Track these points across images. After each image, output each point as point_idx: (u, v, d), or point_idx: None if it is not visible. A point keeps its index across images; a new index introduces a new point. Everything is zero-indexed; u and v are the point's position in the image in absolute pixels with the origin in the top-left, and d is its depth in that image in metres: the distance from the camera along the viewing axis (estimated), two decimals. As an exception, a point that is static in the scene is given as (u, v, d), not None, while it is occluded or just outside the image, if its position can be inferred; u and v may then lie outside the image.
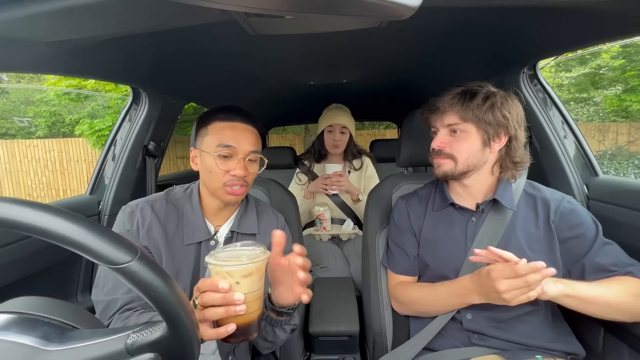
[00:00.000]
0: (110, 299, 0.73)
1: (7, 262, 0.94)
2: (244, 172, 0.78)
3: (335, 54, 1.11)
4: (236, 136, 0.79)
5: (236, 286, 0.55)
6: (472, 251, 0.83)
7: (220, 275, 0.55)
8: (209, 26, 0.75)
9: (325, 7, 0.40)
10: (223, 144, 0.77)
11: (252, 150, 0.80)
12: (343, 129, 1.69)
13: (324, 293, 1.23)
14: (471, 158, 0.84)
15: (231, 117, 0.81)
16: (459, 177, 0.86)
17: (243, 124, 0.81)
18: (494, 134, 0.82)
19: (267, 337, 0.76)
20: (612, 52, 5.87)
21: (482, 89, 0.82)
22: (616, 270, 0.76)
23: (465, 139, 0.83)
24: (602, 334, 0.88)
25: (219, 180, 0.78)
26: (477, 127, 0.82)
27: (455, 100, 0.82)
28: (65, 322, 0.39)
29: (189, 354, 0.40)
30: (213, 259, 0.55)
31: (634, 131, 6.27)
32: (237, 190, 0.79)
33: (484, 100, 0.80)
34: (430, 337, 0.86)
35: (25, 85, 9.12)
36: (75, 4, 0.54)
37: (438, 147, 0.86)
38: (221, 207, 0.85)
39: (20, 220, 0.32)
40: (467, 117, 0.81)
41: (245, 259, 0.55)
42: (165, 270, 0.38)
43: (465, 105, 0.81)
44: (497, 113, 0.80)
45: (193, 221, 0.82)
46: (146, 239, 0.78)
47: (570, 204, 0.83)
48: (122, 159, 1.33)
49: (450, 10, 0.74)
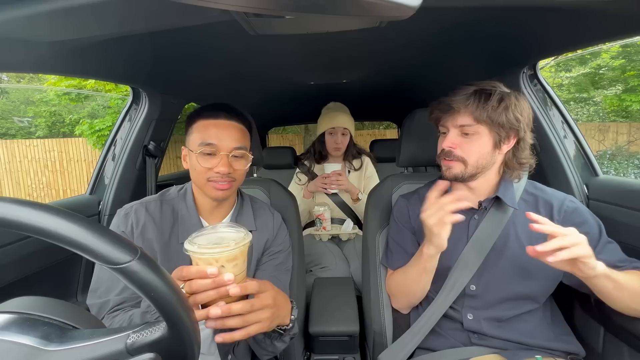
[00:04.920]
0: (102, 301, 0.74)
1: (7, 262, 0.94)
2: (227, 169, 0.77)
3: (335, 54, 1.11)
4: (218, 133, 0.78)
5: (221, 270, 0.54)
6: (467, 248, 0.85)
7: (204, 262, 0.54)
8: (209, 26, 0.75)
9: (325, 7, 0.40)
10: (205, 141, 0.77)
11: (236, 147, 0.79)
12: (344, 131, 1.69)
13: (324, 293, 1.23)
14: (481, 160, 0.82)
15: (214, 115, 0.80)
16: (468, 179, 0.85)
17: (226, 121, 0.80)
18: (505, 136, 0.80)
19: (266, 347, 0.76)
20: (612, 52, 5.87)
21: (496, 89, 0.79)
22: (623, 266, 0.76)
23: (477, 140, 0.81)
24: (602, 333, 0.88)
25: (203, 177, 0.79)
26: (490, 129, 0.80)
27: (470, 100, 0.79)
28: (65, 322, 0.39)
29: (189, 354, 0.40)
30: (197, 247, 0.54)
31: (634, 131, 6.27)
32: (222, 186, 0.78)
33: (499, 102, 0.78)
34: (429, 327, 0.86)
35: (25, 85, 9.12)
36: (75, 4, 0.54)
37: (449, 147, 0.83)
38: (215, 205, 0.85)
39: (20, 220, 0.32)
40: (482, 118, 0.78)
41: (232, 243, 0.55)
42: (165, 270, 0.38)
43: (480, 107, 0.78)
44: (510, 115, 0.78)
45: (188, 220, 0.83)
46: (140, 240, 0.78)
47: (573, 203, 0.84)
48: (122, 159, 1.33)
49: (450, 10, 0.74)
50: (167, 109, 1.40)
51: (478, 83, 0.82)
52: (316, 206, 1.65)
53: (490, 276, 0.83)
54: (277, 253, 0.91)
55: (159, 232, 0.80)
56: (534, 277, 0.81)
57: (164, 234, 0.81)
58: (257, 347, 0.78)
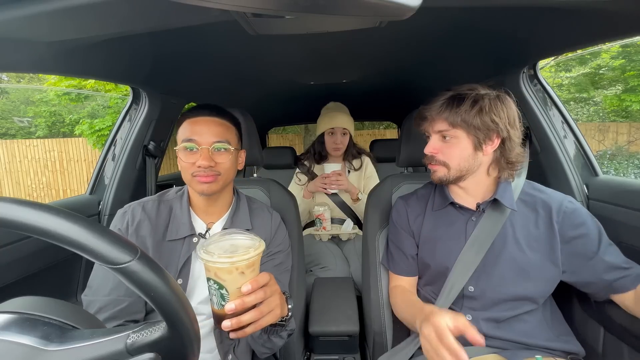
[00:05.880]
0: (89, 300, 0.76)
1: (7, 262, 0.94)
2: (207, 163, 0.79)
3: (335, 54, 1.11)
4: (198, 129, 0.81)
5: (241, 276, 0.55)
6: (465, 248, 0.85)
7: (225, 271, 0.54)
8: (209, 26, 0.75)
9: (325, 7, 0.40)
10: (186, 138, 0.81)
11: (216, 141, 0.81)
12: (344, 131, 1.69)
13: (324, 293, 1.23)
14: (463, 163, 0.84)
15: (197, 113, 0.83)
16: (454, 181, 0.87)
17: (207, 117, 0.83)
18: (485, 137, 0.81)
19: (264, 344, 0.78)
20: (612, 52, 5.87)
21: (471, 93, 0.81)
22: (630, 268, 0.77)
23: (456, 144, 0.83)
24: (602, 333, 0.88)
25: (188, 173, 0.81)
26: (467, 132, 0.81)
27: (443, 107, 0.82)
28: (65, 322, 0.39)
29: (189, 354, 0.40)
30: (216, 257, 0.53)
31: (634, 131, 6.27)
32: (205, 179, 0.80)
33: (472, 105, 0.79)
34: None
35: (25, 85, 9.12)
36: (75, 4, 0.54)
37: (430, 153, 0.87)
38: (208, 203, 0.87)
39: (20, 220, 0.32)
40: (456, 122, 0.81)
41: (251, 250, 0.55)
42: (165, 270, 0.38)
43: (453, 112, 0.80)
44: (485, 117, 0.79)
45: (180, 218, 0.85)
46: (134, 236, 0.81)
47: (572, 203, 0.84)
48: (122, 159, 1.33)
49: (450, 10, 0.74)
50: (167, 109, 1.40)
51: (457, 88, 0.84)
52: (316, 206, 1.65)
53: (488, 277, 0.83)
54: (277, 253, 0.91)
55: (154, 229, 0.82)
56: (532, 278, 0.81)
57: (157, 231, 0.83)
58: (255, 343, 0.79)
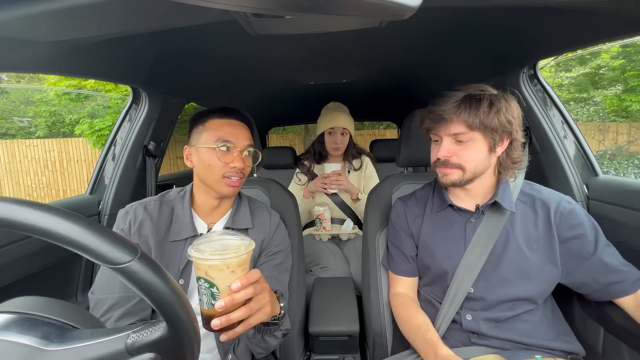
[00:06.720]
0: (99, 298, 0.76)
1: (7, 262, 0.94)
2: (242, 165, 0.83)
3: (335, 54, 1.11)
4: (234, 132, 0.84)
5: (232, 275, 0.55)
6: (468, 251, 0.84)
7: (216, 269, 0.54)
8: (209, 26, 0.76)
9: (325, 7, 0.40)
10: (223, 138, 0.82)
11: (249, 144, 0.86)
12: (344, 131, 1.69)
13: (323, 293, 1.23)
14: (479, 166, 0.82)
15: (228, 115, 0.87)
16: (465, 184, 0.85)
17: (239, 122, 0.87)
18: (500, 139, 0.80)
19: (258, 344, 0.78)
20: (612, 52, 5.86)
21: (485, 93, 0.78)
22: (627, 271, 0.77)
23: (471, 147, 0.80)
24: (602, 333, 0.88)
25: (217, 172, 0.82)
26: (484, 134, 0.79)
27: (461, 108, 0.78)
28: (65, 322, 0.39)
29: (189, 354, 0.40)
30: (208, 254, 0.54)
31: (634, 131, 6.27)
32: (235, 182, 0.83)
33: (490, 107, 0.77)
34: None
35: (25, 85, 9.11)
36: (75, 4, 0.54)
37: (445, 157, 0.82)
38: (215, 205, 0.88)
39: (20, 220, 0.32)
40: (475, 125, 0.77)
41: (242, 248, 0.56)
42: (165, 270, 0.38)
43: (472, 114, 0.77)
44: (502, 118, 0.77)
45: (182, 219, 0.85)
46: (137, 236, 0.81)
47: (569, 204, 0.83)
48: (122, 159, 1.33)
49: (450, 10, 0.74)
50: (167, 109, 1.40)
51: (465, 88, 0.81)
52: (316, 206, 1.65)
53: (488, 279, 0.83)
54: (276, 253, 0.91)
55: (156, 229, 0.83)
56: (532, 279, 0.81)
57: (159, 231, 0.83)
58: (250, 343, 0.80)
